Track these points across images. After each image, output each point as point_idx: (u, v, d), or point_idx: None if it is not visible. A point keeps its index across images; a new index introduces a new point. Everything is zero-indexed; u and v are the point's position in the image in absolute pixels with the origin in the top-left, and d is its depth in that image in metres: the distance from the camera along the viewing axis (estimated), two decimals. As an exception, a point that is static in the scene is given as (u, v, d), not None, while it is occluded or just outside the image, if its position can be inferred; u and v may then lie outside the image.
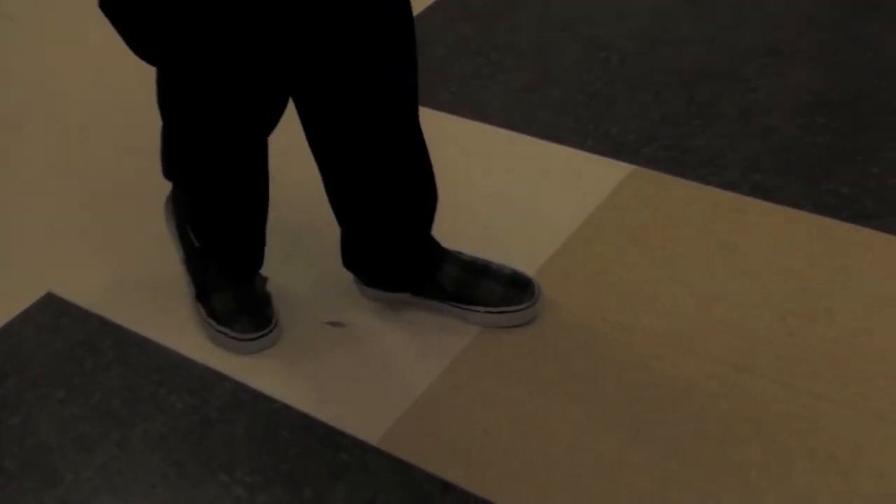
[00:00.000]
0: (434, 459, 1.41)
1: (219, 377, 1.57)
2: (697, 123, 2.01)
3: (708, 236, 1.73)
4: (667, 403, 1.45)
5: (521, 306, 1.59)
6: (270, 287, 1.67)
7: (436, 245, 1.63)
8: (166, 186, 1.69)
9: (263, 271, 1.67)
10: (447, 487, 1.37)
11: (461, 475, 1.38)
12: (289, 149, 1.67)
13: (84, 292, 1.75)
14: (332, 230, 1.62)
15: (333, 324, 1.64)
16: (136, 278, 1.77)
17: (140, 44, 1.34)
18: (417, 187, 1.54)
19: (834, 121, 1.97)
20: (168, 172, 1.58)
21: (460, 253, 1.65)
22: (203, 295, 1.64)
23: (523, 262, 1.70)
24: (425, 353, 1.57)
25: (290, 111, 1.45)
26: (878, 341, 1.51)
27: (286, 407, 1.51)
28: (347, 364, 1.58)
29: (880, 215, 1.74)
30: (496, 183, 1.90)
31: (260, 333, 1.60)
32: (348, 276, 1.70)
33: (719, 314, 1.58)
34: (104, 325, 1.68)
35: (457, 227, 1.77)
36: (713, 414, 1.43)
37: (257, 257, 1.66)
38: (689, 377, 1.49)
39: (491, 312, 1.58)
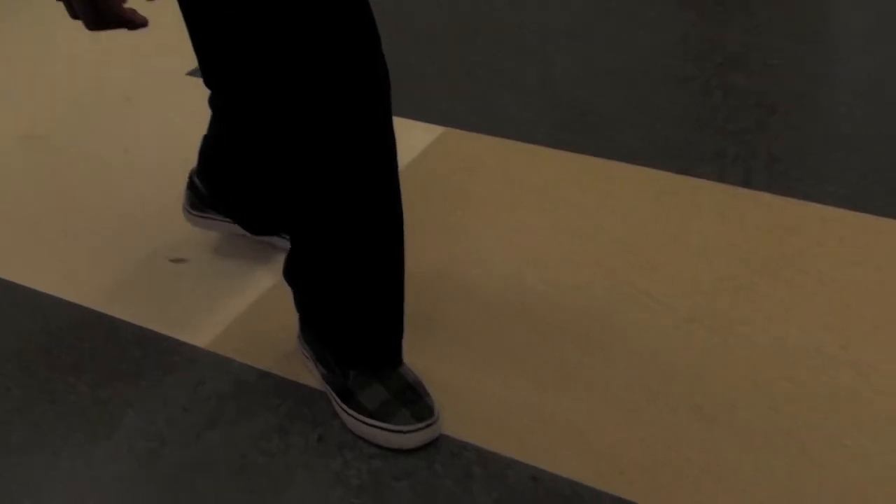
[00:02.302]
0: (254, 354, 1.65)
1: (67, 305, 1.79)
2: (505, 92, 2.31)
3: (503, 178, 2.02)
4: (452, 306, 1.71)
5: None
6: (417, 374, 1.57)
7: None
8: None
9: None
10: (264, 374, 1.61)
11: (276, 365, 1.62)
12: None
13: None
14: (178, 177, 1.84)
15: (176, 260, 1.88)
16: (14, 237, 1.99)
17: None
18: None
19: (620, 88, 2.29)
20: (294, 274, 1.53)
21: None
22: (349, 397, 1.51)
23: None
24: (255, 276, 1.82)
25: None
26: (640, 251, 1.80)
27: (128, 324, 1.73)
28: (185, 288, 1.81)
29: (648, 157, 2.04)
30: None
31: (423, 424, 1.46)
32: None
33: (508, 236, 1.86)
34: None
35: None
36: (496, 312, 1.70)
37: (396, 350, 1.53)
38: (475, 285, 1.76)
39: None
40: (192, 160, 2.16)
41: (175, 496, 1.42)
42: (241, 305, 1.75)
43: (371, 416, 1.47)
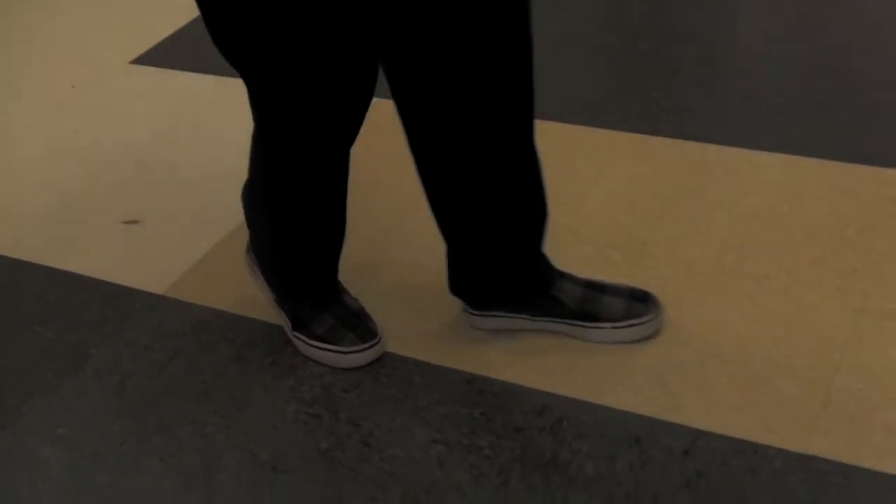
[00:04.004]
0: (209, 297, 1.78)
1: (30, 265, 1.90)
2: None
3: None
4: (395, 250, 1.87)
5: (646, 318, 1.60)
6: (362, 303, 1.70)
7: (548, 261, 1.64)
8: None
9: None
10: (219, 314, 1.74)
11: (230, 305, 1.75)
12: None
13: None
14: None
15: (129, 222, 2.00)
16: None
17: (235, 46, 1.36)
18: (529, 196, 1.55)
19: (535, 57, 2.47)
20: (253, 210, 1.61)
21: (572, 274, 1.66)
22: (299, 324, 1.65)
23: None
24: (205, 230, 1.94)
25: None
26: (561, 194, 1.95)
27: (88, 278, 1.85)
28: (140, 245, 1.94)
29: (562, 115, 2.22)
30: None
31: (368, 344, 1.61)
32: (143, 174, 2.07)
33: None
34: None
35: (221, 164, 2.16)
36: (432, 254, 1.85)
37: (333, 287, 1.66)
38: (413, 233, 1.91)
39: (617, 328, 1.60)
40: (136, 142, 2.28)
41: (143, 419, 1.54)
42: (194, 256, 1.88)
43: (320, 339, 1.61)
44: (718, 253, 1.77)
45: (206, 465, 1.46)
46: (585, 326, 1.60)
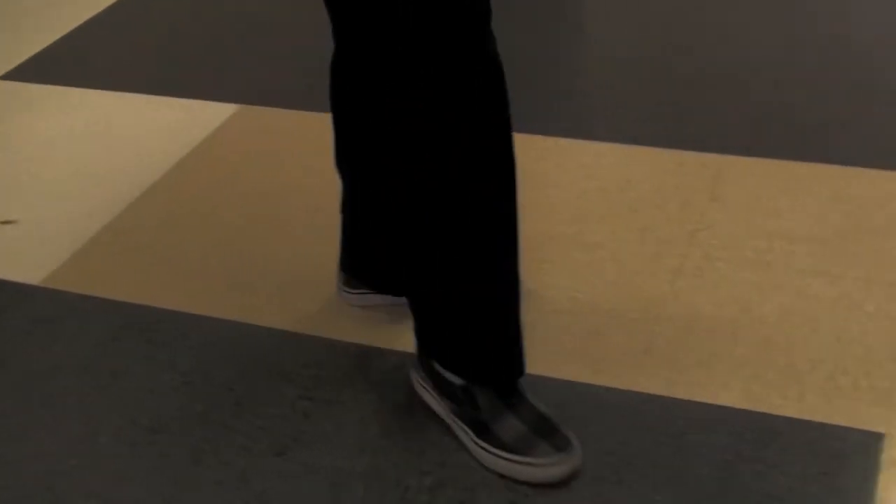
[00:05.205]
0: (85, 285, 1.88)
1: None
2: (303, 68, 2.62)
3: (305, 145, 2.33)
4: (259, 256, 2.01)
5: None
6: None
7: None
8: None
9: None
10: (96, 300, 1.84)
11: (106, 291, 1.86)
12: None
13: None
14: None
15: (4, 222, 2.08)
16: None
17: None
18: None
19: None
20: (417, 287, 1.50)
21: None
22: (483, 430, 1.49)
23: (116, 200, 2.16)
24: (79, 227, 2.04)
25: None
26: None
27: (-36, 274, 1.93)
28: (17, 243, 2.02)
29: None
30: (96, 136, 2.43)
31: (564, 454, 1.44)
32: (16, 179, 2.15)
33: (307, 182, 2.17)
34: None
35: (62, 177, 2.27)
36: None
37: (520, 359, 1.51)
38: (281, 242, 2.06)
39: None
40: (7, 150, 2.35)
41: (27, 396, 1.64)
42: (67, 251, 1.98)
43: (508, 449, 1.46)
44: (557, 228, 1.97)
45: (88, 430, 1.56)
46: None
